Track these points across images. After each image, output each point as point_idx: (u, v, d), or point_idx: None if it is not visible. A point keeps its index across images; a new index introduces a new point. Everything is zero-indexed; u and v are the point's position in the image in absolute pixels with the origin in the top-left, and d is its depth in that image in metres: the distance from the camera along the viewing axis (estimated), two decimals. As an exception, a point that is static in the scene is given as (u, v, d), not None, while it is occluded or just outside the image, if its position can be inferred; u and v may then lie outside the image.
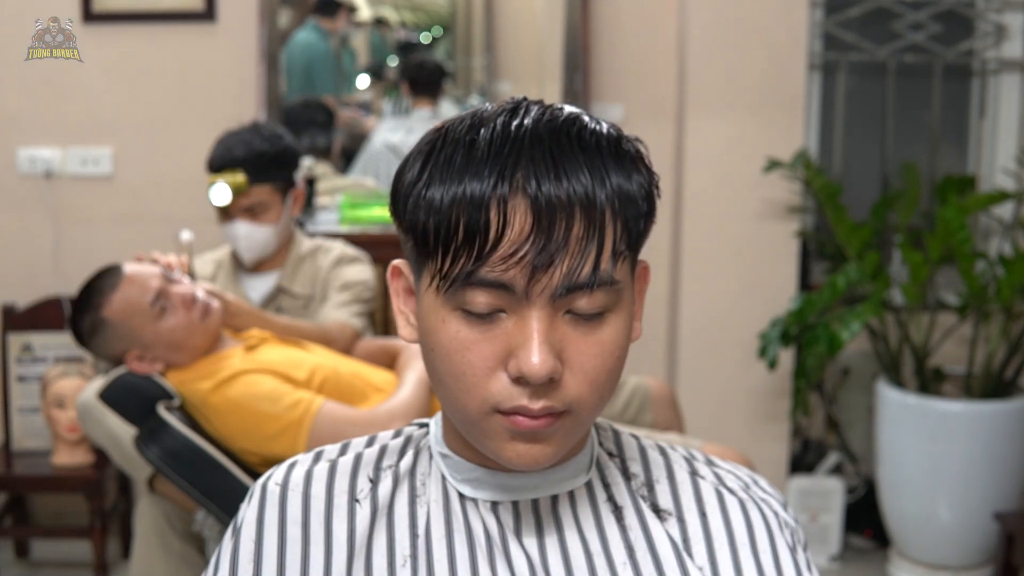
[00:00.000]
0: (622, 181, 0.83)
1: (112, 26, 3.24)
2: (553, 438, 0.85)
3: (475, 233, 0.80)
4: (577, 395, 0.84)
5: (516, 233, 0.80)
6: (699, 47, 3.20)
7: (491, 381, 0.83)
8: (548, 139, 0.82)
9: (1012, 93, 3.46)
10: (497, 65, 4.04)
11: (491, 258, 0.80)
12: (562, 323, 0.83)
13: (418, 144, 0.88)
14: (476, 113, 0.87)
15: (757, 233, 3.23)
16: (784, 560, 0.96)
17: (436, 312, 0.85)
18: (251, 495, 0.94)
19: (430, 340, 0.86)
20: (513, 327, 0.82)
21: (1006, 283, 2.98)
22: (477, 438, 0.87)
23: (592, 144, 0.83)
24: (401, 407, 2.09)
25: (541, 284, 0.81)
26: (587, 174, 0.81)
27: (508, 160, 0.81)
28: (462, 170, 0.82)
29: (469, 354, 0.83)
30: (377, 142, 3.83)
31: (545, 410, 0.83)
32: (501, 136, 0.83)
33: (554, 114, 0.85)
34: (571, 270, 0.81)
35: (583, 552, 0.92)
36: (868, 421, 3.39)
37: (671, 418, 2.59)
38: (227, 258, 2.60)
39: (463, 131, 0.85)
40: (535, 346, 0.81)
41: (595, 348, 0.84)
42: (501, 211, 0.80)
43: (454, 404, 0.86)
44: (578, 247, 0.81)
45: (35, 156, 3.29)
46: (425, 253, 0.84)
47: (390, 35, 4.13)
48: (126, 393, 2.11)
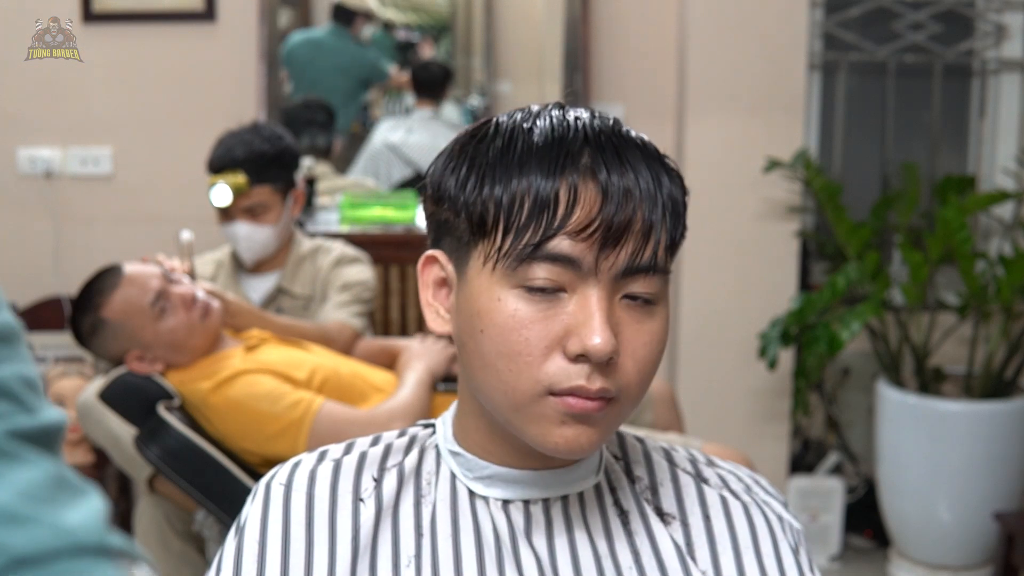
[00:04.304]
0: (671, 184, 0.86)
1: (112, 26, 3.24)
2: (600, 424, 0.86)
3: (544, 208, 0.82)
4: (628, 382, 0.85)
5: (586, 211, 0.82)
6: (699, 47, 3.20)
7: (547, 361, 0.84)
8: (608, 132, 0.86)
9: (1012, 93, 3.46)
10: (497, 65, 4.04)
11: (560, 232, 0.82)
12: (618, 308, 0.85)
13: (457, 139, 0.90)
14: (520, 109, 0.90)
15: (757, 233, 3.23)
16: (787, 563, 0.96)
17: (489, 291, 0.85)
18: (254, 494, 0.94)
19: (480, 321, 0.85)
20: (574, 307, 0.84)
21: (1006, 283, 2.98)
22: (521, 424, 0.86)
23: (643, 146, 0.87)
24: (401, 407, 2.09)
25: (609, 261, 0.83)
26: (646, 169, 0.85)
27: (574, 145, 0.84)
28: (526, 153, 0.84)
29: (527, 332, 0.83)
30: (377, 142, 3.83)
31: (601, 392, 0.84)
32: (562, 125, 0.86)
33: (603, 116, 0.89)
34: (635, 252, 0.83)
35: (592, 554, 0.92)
36: (868, 421, 3.39)
37: (671, 418, 2.59)
38: (227, 258, 2.60)
39: (517, 122, 0.87)
40: (598, 323, 0.82)
41: (647, 336, 0.86)
42: (572, 188, 0.82)
43: (503, 388, 0.85)
44: (641, 230, 0.83)
45: (35, 156, 3.29)
46: (481, 233, 0.85)
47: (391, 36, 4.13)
48: (126, 393, 2.11)
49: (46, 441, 0.57)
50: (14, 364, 0.58)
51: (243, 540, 0.91)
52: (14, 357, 0.58)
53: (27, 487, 0.53)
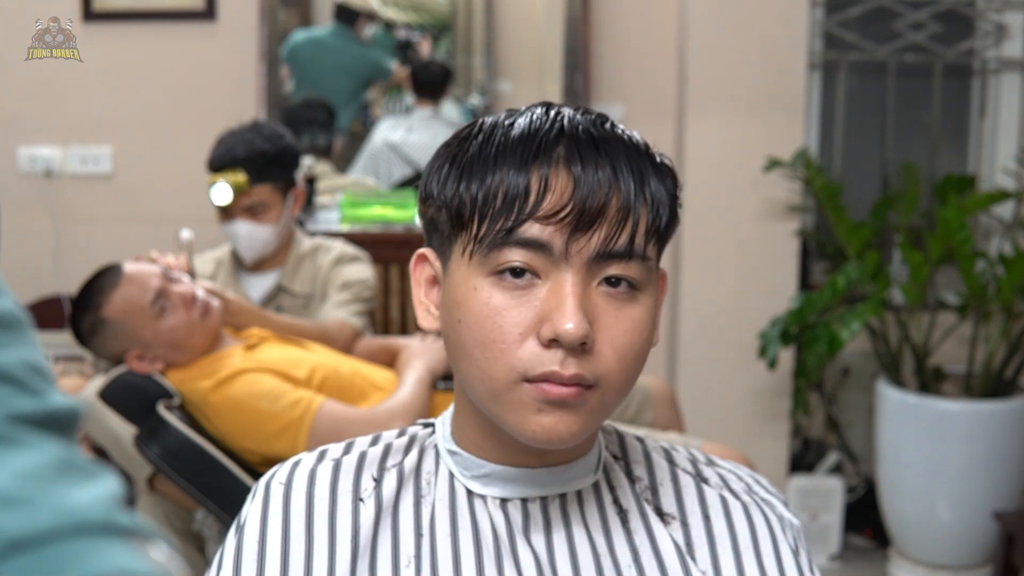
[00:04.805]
0: (653, 173, 0.87)
1: (112, 25, 3.24)
2: (579, 412, 0.85)
3: (516, 197, 0.83)
4: (606, 370, 0.85)
5: (557, 196, 0.83)
6: (699, 46, 3.20)
7: (521, 348, 0.84)
8: (587, 124, 0.87)
9: (1012, 93, 3.46)
10: (497, 64, 4.04)
11: (531, 218, 0.83)
12: (595, 294, 0.85)
13: (447, 140, 0.91)
14: (507, 111, 0.91)
15: (757, 232, 3.23)
16: (787, 563, 0.96)
17: (467, 281, 0.86)
18: (254, 494, 0.94)
19: (459, 311, 0.86)
20: (547, 293, 0.84)
21: (1006, 283, 2.98)
22: (501, 413, 0.86)
23: (626, 138, 0.88)
24: (401, 406, 2.09)
25: (579, 244, 0.83)
26: (626, 160, 0.85)
27: (550, 135, 0.85)
28: (503, 146, 0.85)
29: (500, 319, 0.84)
30: (377, 141, 3.83)
31: (575, 378, 0.83)
32: (541, 119, 0.87)
33: (587, 110, 0.90)
34: (608, 236, 0.84)
35: (590, 552, 0.92)
36: (868, 421, 3.39)
37: (671, 418, 2.59)
38: (227, 257, 2.60)
39: (499, 120, 0.89)
40: (570, 308, 0.82)
41: (626, 324, 0.85)
42: (543, 178, 0.83)
43: (480, 376, 0.86)
44: (616, 216, 0.84)
45: (35, 155, 3.29)
46: (460, 224, 0.86)
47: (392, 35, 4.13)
48: (126, 392, 2.11)
49: (53, 425, 0.55)
50: (16, 349, 0.57)
51: (243, 539, 0.91)
52: (16, 343, 0.57)
53: (27, 470, 0.51)
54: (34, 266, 3.32)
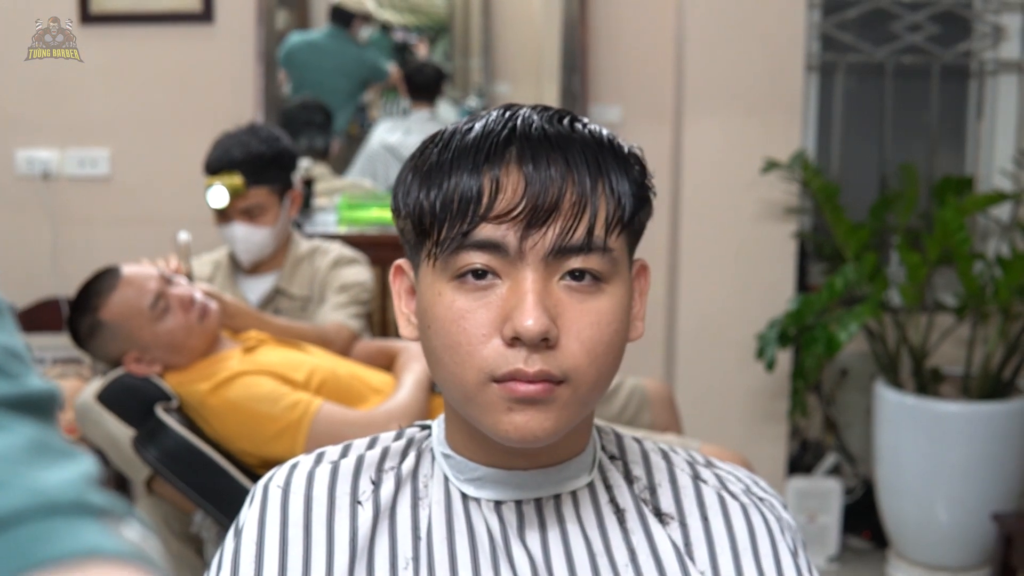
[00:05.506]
0: (616, 164, 0.87)
1: (110, 27, 3.24)
2: (551, 409, 0.85)
3: (469, 200, 0.84)
4: (574, 364, 0.85)
5: (509, 196, 0.84)
6: (697, 48, 3.20)
7: (486, 348, 0.84)
8: (541, 121, 0.87)
9: (1009, 94, 3.47)
10: (495, 66, 4.04)
11: (485, 219, 0.84)
12: (557, 289, 0.85)
13: (413, 151, 0.92)
14: (468, 116, 0.92)
15: (755, 234, 3.23)
16: (786, 564, 0.96)
17: (433, 287, 0.87)
18: (252, 497, 0.94)
19: (427, 317, 0.88)
20: (508, 292, 0.84)
21: (1004, 284, 2.98)
22: (475, 415, 0.87)
23: (586, 132, 0.88)
24: (399, 408, 2.09)
25: (533, 241, 0.84)
26: (580, 150, 0.86)
27: (502, 135, 0.86)
28: (457, 152, 0.86)
29: (464, 322, 0.85)
30: (375, 143, 3.83)
31: (541, 375, 0.83)
32: (495, 121, 0.88)
33: (548, 108, 0.90)
34: (564, 231, 0.84)
35: (586, 552, 0.92)
36: (866, 422, 3.39)
37: (669, 419, 2.59)
38: (225, 259, 2.60)
39: (459, 127, 0.90)
40: (528, 305, 0.83)
41: (591, 317, 0.85)
42: (494, 180, 0.84)
43: (452, 380, 0.87)
44: (571, 211, 0.84)
45: (33, 157, 3.29)
46: (423, 232, 0.87)
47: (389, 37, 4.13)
48: (124, 394, 2.11)
49: (30, 408, 0.55)
50: None
51: (241, 542, 0.91)
52: None
53: (0, 452, 0.50)
54: (32, 268, 3.31)
